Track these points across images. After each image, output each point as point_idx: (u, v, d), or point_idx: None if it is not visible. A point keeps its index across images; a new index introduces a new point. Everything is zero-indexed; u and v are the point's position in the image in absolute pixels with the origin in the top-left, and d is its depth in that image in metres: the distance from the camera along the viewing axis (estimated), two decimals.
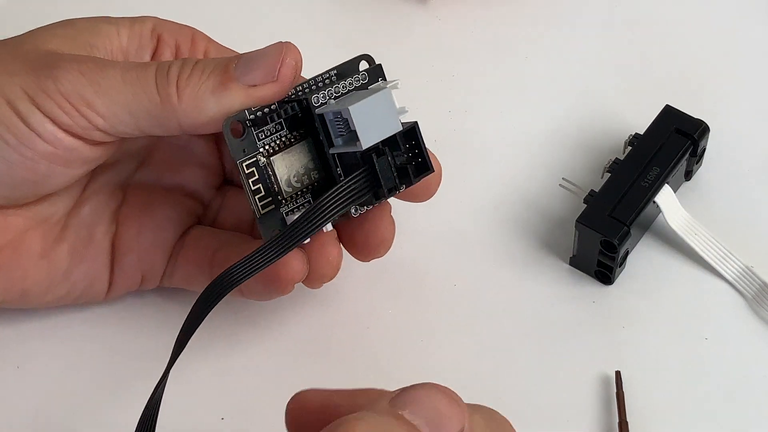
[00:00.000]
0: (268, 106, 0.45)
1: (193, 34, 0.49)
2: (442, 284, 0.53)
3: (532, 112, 0.58)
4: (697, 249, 0.52)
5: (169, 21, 0.49)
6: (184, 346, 0.44)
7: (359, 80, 0.46)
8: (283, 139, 0.46)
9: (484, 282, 0.53)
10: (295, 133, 0.46)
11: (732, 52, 0.60)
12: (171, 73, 0.44)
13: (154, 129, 0.45)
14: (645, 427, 0.48)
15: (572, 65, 0.60)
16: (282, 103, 0.45)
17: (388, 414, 0.35)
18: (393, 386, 0.38)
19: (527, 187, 0.56)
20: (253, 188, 0.45)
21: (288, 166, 0.46)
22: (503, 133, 0.58)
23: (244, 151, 0.45)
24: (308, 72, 0.60)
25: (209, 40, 0.49)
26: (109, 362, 0.51)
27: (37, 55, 0.45)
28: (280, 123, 0.45)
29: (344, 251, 0.48)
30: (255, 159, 0.45)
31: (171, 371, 0.44)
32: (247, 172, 0.45)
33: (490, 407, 0.38)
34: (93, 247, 0.49)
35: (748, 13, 0.62)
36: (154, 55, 0.48)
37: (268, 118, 0.45)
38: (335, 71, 0.47)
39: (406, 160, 0.45)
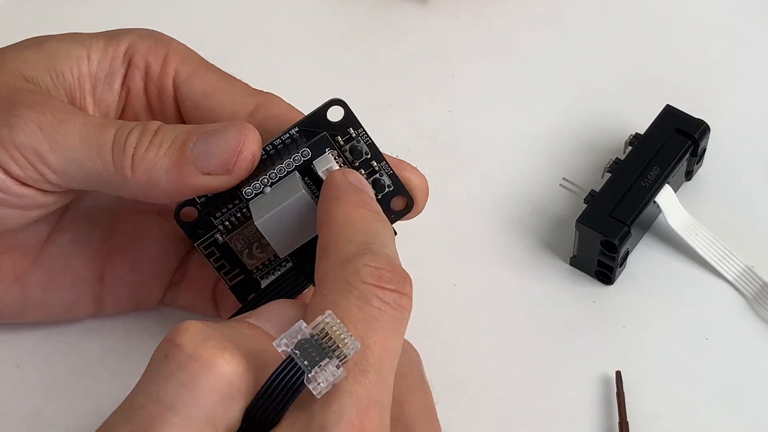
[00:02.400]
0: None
1: (167, 53, 0.47)
2: (442, 284, 0.53)
3: (532, 112, 0.58)
4: (697, 249, 0.52)
5: (147, 36, 0.48)
6: None
7: (307, 154, 0.44)
8: (239, 215, 0.45)
9: (484, 282, 0.53)
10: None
11: (732, 52, 0.60)
12: (128, 144, 0.43)
13: (106, 189, 0.44)
14: (645, 427, 0.48)
15: (572, 65, 0.60)
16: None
17: (231, 320, 0.38)
18: None
19: (527, 187, 0.56)
20: (216, 265, 0.46)
21: (247, 240, 0.45)
22: (503, 133, 0.58)
23: (200, 233, 0.45)
24: (308, 72, 0.60)
25: (183, 59, 0.47)
26: (110, 362, 0.51)
27: (2, 93, 0.44)
28: (237, 198, 0.44)
29: None
30: (213, 239, 0.45)
31: None
32: (206, 252, 0.45)
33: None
34: (70, 276, 0.48)
35: (749, 13, 0.62)
36: (125, 79, 0.47)
37: (219, 201, 0.44)
38: (296, 130, 0.45)
39: None
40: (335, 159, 0.44)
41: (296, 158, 0.44)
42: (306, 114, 0.45)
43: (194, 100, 0.47)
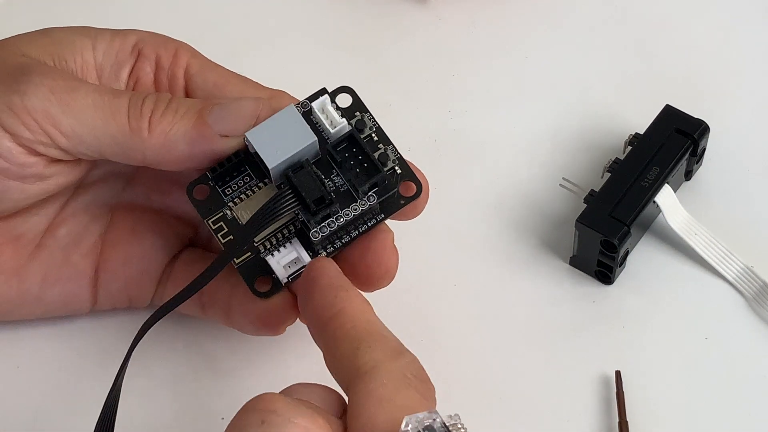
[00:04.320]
0: (229, 161, 0.45)
1: (177, 48, 0.48)
2: (442, 284, 0.53)
3: (532, 112, 0.58)
4: (697, 249, 0.52)
5: (155, 34, 0.48)
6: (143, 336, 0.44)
7: (307, 103, 0.46)
8: (248, 191, 0.45)
9: (484, 282, 0.53)
10: (263, 181, 0.46)
11: (732, 52, 0.60)
12: (145, 107, 0.43)
13: (116, 156, 0.44)
14: (645, 427, 0.48)
15: (572, 65, 0.60)
16: (239, 155, 0.45)
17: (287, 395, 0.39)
18: None
19: (527, 187, 0.56)
20: (223, 241, 0.46)
21: (252, 212, 0.45)
22: (503, 133, 0.58)
23: (210, 209, 0.45)
24: (308, 72, 0.60)
25: (193, 55, 0.48)
26: (109, 363, 0.50)
27: (11, 65, 0.45)
28: (248, 174, 0.45)
29: None
30: (222, 213, 0.45)
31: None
32: (214, 228, 0.46)
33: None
34: (68, 269, 0.48)
35: (749, 13, 0.62)
36: (133, 69, 0.47)
37: (228, 175, 0.45)
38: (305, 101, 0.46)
39: (356, 175, 0.45)
40: (331, 103, 0.45)
41: (297, 107, 0.45)
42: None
43: (206, 90, 0.47)
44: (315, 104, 0.45)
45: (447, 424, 0.37)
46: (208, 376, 0.50)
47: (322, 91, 0.46)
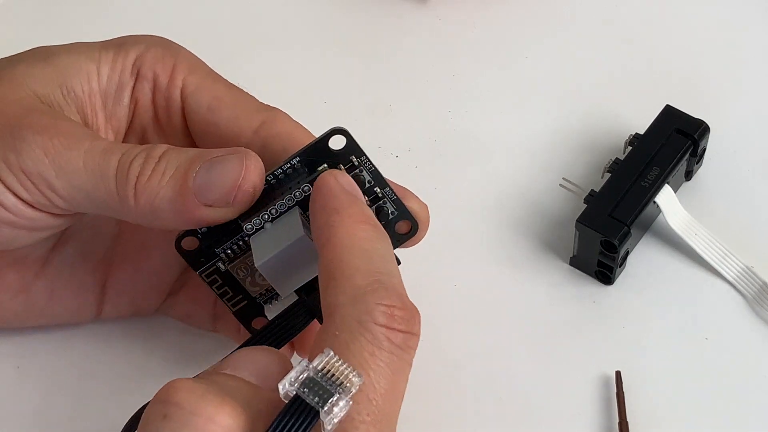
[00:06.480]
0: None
1: (175, 64, 0.47)
2: (442, 284, 0.53)
3: (532, 112, 0.58)
4: (697, 249, 0.52)
5: (155, 45, 0.47)
6: None
7: (308, 188, 0.43)
8: (240, 243, 0.45)
9: (484, 282, 0.53)
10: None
11: (732, 52, 0.60)
12: (131, 172, 0.43)
13: (113, 215, 0.44)
14: (645, 427, 0.48)
15: (572, 65, 0.60)
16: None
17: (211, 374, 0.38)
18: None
19: (527, 187, 0.56)
20: (218, 292, 0.45)
21: (250, 268, 0.45)
22: (503, 133, 0.58)
23: (203, 261, 0.45)
24: (308, 72, 0.60)
25: (191, 70, 0.47)
26: (108, 364, 0.51)
27: (9, 109, 0.44)
28: (238, 227, 0.44)
29: None
30: (215, 267, 0.45)
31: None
32: (208, 280, 0.45)
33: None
34: (75, 285, 0.48)
35: (749, 13, 0.62)
36: (133, 91, 0.47)
37: (219, 231, 0.44)
38: (298, 159, 0.44)
39: None
40: None
41: (297, 194, 0.44)
42: (308, 143, 0.44)
43: (200, 113, 0.47)
44: None
45: (322, 368, 0.36)
46: None
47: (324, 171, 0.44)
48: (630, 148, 0.53)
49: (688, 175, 0.55)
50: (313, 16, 0.62)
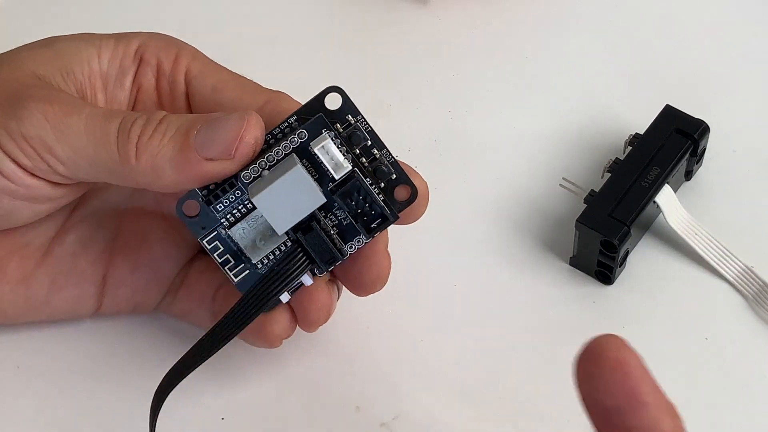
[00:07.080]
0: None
1: (178, 52, 0.48)
2: (442, 284, 0.53)
3: (532, 112, 0.58)
4: (697, 249, 0.52)
5: (157, 37, 0.48)
6: (163, 400, 0.44)
7: (304, 135, 0.44)
8: (241, 207, 0.45)
9: (484, 282, 0.53)
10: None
11: (732, 51, 0.60)
12: (132, 132, 0.43)
13: (113, 180, 0.44)
14: None
15: (572, 65, 0.60)
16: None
17: None
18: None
19: (527, 187, 0.56)
20: (220, 260, 0.45)
21: (251, 232, 0.45)
22: (503, 133, 0.58)
23: (203, 228, 0.45)
24: (308, 72, 0.60)
25: (194, 57, 0.48)
26: (108, 363, 0.51)
27: (10, 86, 0.44)
28: (239, 189, 0.44)
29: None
30: (216, 232, 0.45)
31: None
32: (209, 247, 0.45)
33: None
34: (76, 276, 0.48)
35: (749, 13, 0.62)
36: (136, 75, 0.47)
37: (219, 191, 0.44)
38: (294, 118, 0.45)
39: (356, 216, 0.44)
40: (333, 140, 0.44)
41: (293, 140, 0.44)
42: (305, 103, 0.45)
43: (204, 94, 0.47)
44: (317, 149, 0.44)
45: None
46: (208, 376, 0.50)
47: (320, 119, 0.44)
48: (630, 148, 0.53)
49: (688, 175, 0.55)
50: (312, 15, 0.62)
